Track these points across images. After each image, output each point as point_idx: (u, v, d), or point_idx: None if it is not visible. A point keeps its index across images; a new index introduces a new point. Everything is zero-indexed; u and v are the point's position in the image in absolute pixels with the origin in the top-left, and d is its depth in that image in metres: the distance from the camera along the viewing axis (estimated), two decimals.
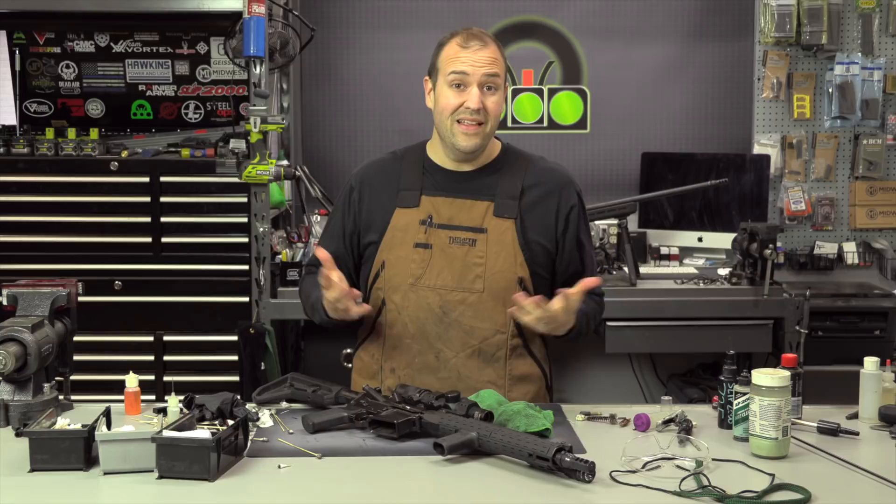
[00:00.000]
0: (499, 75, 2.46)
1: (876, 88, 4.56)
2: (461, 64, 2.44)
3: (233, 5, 3.95)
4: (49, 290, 2.46)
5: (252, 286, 3.93)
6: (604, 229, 4.36)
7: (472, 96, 2.43)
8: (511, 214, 2.50)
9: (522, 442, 2.04)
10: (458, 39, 2.47)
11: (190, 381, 3.68)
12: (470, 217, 2.50)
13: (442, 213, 2.51)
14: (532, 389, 2.56)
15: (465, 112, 2.44)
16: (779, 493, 1.94)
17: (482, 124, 2.46)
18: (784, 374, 2.15)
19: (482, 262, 2.48)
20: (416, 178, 2.54)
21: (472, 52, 2.44)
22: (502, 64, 2.49)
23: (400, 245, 2.51)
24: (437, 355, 2.49)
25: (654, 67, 4.79)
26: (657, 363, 4.74)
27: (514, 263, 2.49)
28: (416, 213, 2.51)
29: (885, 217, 4.66)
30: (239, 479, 2.02)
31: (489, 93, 2.46)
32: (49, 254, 4.00)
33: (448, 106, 2.46)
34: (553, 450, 1.98)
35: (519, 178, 2.53)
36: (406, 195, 2.53)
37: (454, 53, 2.46)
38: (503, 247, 2.49)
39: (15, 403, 2.32)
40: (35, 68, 4.38)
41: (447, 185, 2.53)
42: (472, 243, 2.48)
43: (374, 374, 2.56)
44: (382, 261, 2.52)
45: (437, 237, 2.49)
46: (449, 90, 2.46)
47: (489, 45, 2.46)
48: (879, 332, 4.13)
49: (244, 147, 3.93)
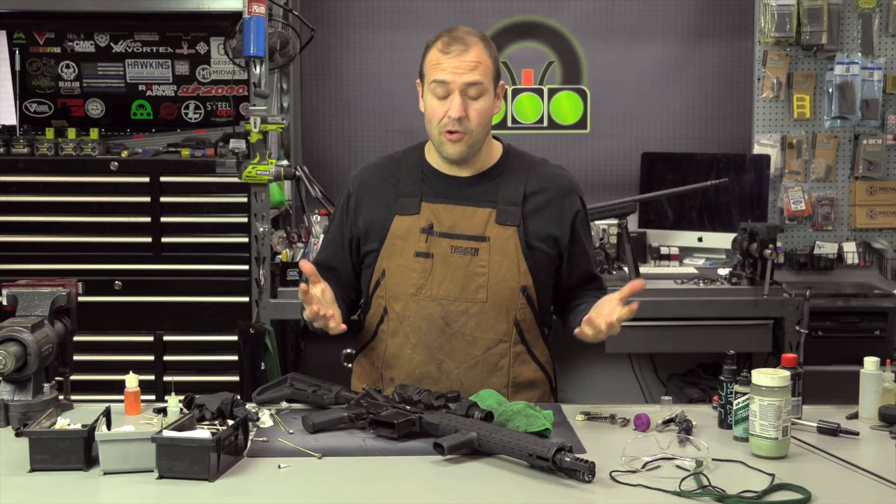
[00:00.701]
0: (481, 82, 2.39)
1: (876, 88, 4.56)
2: (441, 72, 2.38)
3: (233, 5, 3.95)
4: (49, 290, 2.46)
5: (252, 286, 3.93)
6: (604, 229, 4.36)
7: (453, 105, 2.38)
8: (513, 222, 2.46)
9: (522, 442, 2.04)
10: (440, 44, 2.41)
11: (190, 381, 3.68)
12: (471, 225, 2.46)
13: (443, 220, 2.46)
14: (536, 394, 2.54)
15: (448, 122, 2.39)
16: (779, 493, 1.94)
17: (466, 133, 2.40)
18: (784, 374, 2.15)
19: (485, 271, 2.44)
20: (415, 184, 2.50)
21: (452, 57, 2.38)
22: (488, 65, 2.41)
23: (400, 254, 2.47)
24: (440, 366, 2.46)
25: (654, 67, 4.79)
26: (657, 363, 4.74)
27: (517, 272, 2.46)
28: (416, 221, 2.47)
29: (885, 217, 4.66)
30: (239, 479, 2.02)
31: (473, 100, 2.39)
32: (49, 254, 4.00)
33: (433, 115, 2.41)
34: (553, 450, 1.98)
35: (521, 183, 2.49)
36: (406, 202, 2.49)
37: (436, 60, 2.40)
38: (506, 255, 2.45)
39: (15, 403, 2.32)
40: (35, 68, 4.38)
41: (447, 191, 2.49)
42: (474, 252, 2.44)
43: (374, 381, 2.54)
44: (383, 269, 2.49)
45: (439, 246, 2.45)
46: (433, 99, 2.41)
47: (472, 48, 2.39)
48: (879, 332, 4.13)
49: (244, 147, 3.93)
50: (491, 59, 2.43)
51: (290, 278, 3.96)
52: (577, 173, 4.72)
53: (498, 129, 4.78)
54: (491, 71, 2.42)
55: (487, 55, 2.42)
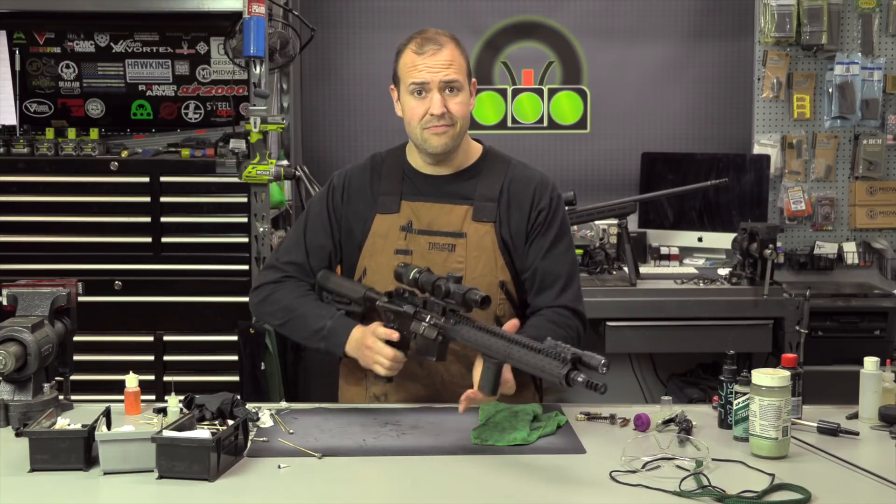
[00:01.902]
0: (458, 80, 2.43)
1: (876, 88, 4.56)
2: (418, 73, 2.41)
3: (233, 5, 3.94)
4: (49, 290, 2.46)
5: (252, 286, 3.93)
6: (604, 229, 4.36)
7: (434, 102, 2.41)
8: (490, 218, 2.48)
9: (535, 359, 2.05)
10: (413, 46, 2.44)
11: (190, 381, 3.67)
12: (449, 221, 2.49)
13: (422, 217, 2.50)
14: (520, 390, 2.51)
15: (431, 119, 2.42)
16: (779, 493, 1.94)
17: (450, 126, 2.43)
18: (784, 374, 2.15)
19: (462, 267, 2.46)
20: (396, 183, 2.53)
21: (427, 57, 2.41)
22: (461, 63, 2.45)
23: (381, 252, 2.50)
24: (421, 362, 2.45)
25: (654, 67, 4.79)
26: (657, 363, 4.74)
27: (494, 267, 2.47)
28: (396, 219, 2.51)
29: (885, 217, 4.66)
30: (239, 479, 2.02)
31: (451, 95, 2.43)
32: (49, 254, 3.99)
33: (414, 115, 2.44)
34: (566, 369, 1.98)
35: (498, 181, 2.51)
36: (386, 200, 2.52)
37: (411, 62, 2.43)
38: (483, 251, 2.47)
39: (15, 403, 2.32)
40: (35, 68, 4.38)
41: (426, 189, 2.52)
42: (451, 248, 2.47)
43: (359, 379, 2.56)
44: (364, 267, 2.52)
45: (417, 243, 2.48)
46: (412, 99, 2.44)
47: (445, 47, 2.42)
48: (879, 332, 4.13)
49: (244, 147, 3.93)
50: (463, 57, 2.47)
51: None
52: (577, 173, 4.85)
53: (498, 130, 4.79)
54: (464, 69, 2.47)
55: (460, 53, 2.46)
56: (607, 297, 3.97)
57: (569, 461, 2.11)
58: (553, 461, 2.11)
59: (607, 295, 3.98)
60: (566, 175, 4.71)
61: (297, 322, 2.50)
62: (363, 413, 2.42)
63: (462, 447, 2.18)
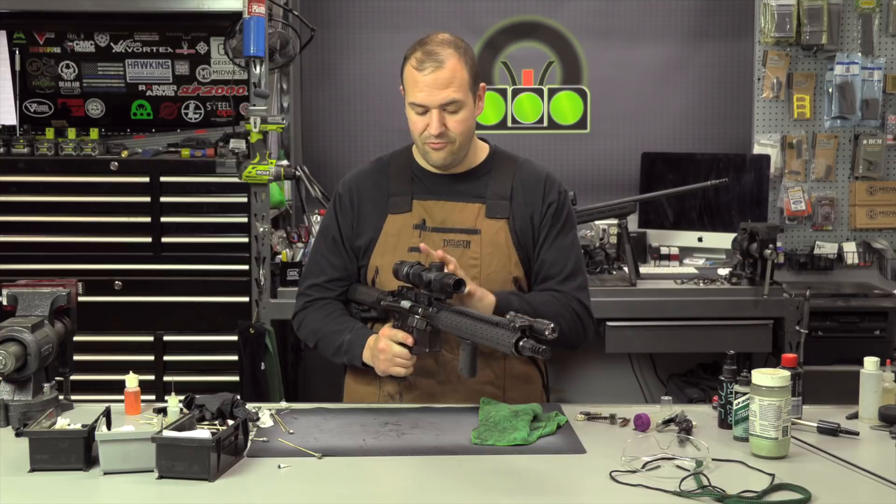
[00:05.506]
0: (456, 99, 2.41)
1: (876, 88, 4.56)
2: (418, 93, 2.41)
3: (233, 5, 3.95)
4: (49, 290, 2.46)
5: (252, 286, 3.93)
6: (604, 229, 4.35)
7: (432, 122, 2.41)
8: (503, 215, 2.50)
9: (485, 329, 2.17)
10: (414, 61, 2.42)
11: (190, 381, 3.69)
12: (462, 219, 2.50)
13: (434, 216, 2.51)
14: (529, 388, 2.57)
15: (430, 136, 2.43)
16: (779, 493, 1.94)
17: (449, 143, 2.44)
18: (784, 374, 2.15)
19: (477, 263, 2.48)
20: (405, 184, 2.54)
21: (427, 75, 2.40)
22: (463, 77, 2.41)
23: (393, 251, 2.50)
24: (437, 358, 2.48)
25: (654, 67, 4.79)
26: (657, 363, 4.74)
27: (508, 263, 2.50)
28: (408, 218, 2.52)
29: (885, 217, 4.66)
30: (239, 479, 2.02)
31: (451, 114, 2.42)
32: (49, 254, 4.00)
33: (415, 129, 2.47)
34: (515, 338, 2.08)
35: (508, 179, 2.53)
36: (397, 201, 2.53)
37: (412, 78, 2.43)
38: (497, 247, 2.49)
39: (15, 403, 2.33)
40: (35, 68, 4.38)
41: (437, 188, 2.53)
42: (466, 245, 2.49)
43: (372, 378, 2.55)
44: (376, 267, 2.53)
45: (432, 241, 2.48)
46: (413, 114, 2.46)
47: (446, 63, 2.40)
48: (879, 332, 4.13)
49: (244, 147, 3.93)
50: (466, 67, 2.43)
51: (290, 278, 3.96)
52: (577, 173, 4.85)
53: (498, 130, 4.79)
54: (467, 82, 2.43)
55: (462, 65, 2.42)
56: (607, 297, 3.97)
57: (569, 461, 2.12)
58: (553, 461, 2.11)
59: (607, 295, 3.98)
60: (566, 175, 4.70)
61: (323, 342, 2.58)
62: (363, 413, 2.42)
63: (462, 447, 2.18)
